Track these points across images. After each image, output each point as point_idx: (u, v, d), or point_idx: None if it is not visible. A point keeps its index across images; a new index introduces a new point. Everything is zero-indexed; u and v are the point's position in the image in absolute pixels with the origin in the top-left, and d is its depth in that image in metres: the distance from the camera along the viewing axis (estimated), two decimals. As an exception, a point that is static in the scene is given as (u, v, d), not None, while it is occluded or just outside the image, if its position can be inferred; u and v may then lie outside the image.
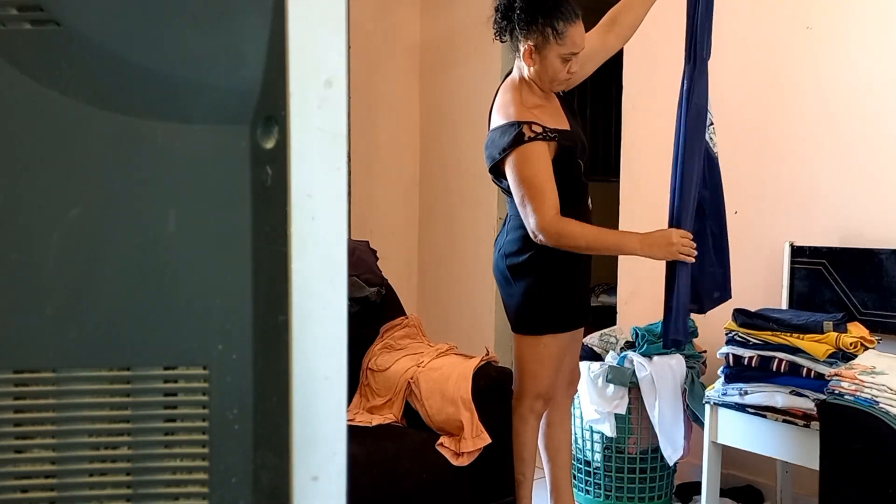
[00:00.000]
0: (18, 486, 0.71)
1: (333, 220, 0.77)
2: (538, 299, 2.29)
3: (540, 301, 2.29)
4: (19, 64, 0.69)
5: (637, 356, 2.82)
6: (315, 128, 0.76)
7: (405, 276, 4.29)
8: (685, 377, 2.78)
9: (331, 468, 0.79)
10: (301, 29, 0.74)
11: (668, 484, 2.97)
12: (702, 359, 2.90)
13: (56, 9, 0.68)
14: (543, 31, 2.12)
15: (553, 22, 2.12)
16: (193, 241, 0.72)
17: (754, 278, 2.97)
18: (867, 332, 2.37)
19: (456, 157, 4.22)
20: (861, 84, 2.71)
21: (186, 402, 0.73)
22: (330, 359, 0.78)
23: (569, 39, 2.14)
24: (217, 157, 0.72)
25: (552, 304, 2.31)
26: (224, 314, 0.73)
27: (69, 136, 0.70)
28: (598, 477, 2.93)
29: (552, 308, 2.31)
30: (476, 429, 2.37)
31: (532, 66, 2.19)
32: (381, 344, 2.76)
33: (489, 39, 2.34)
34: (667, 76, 3.26)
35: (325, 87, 0.76)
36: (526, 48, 2.16)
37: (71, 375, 0.71)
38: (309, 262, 0.76)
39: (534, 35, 2.14)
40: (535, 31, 2.13)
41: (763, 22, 2.95)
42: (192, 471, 0.73)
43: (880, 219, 2.65)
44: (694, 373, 2.81)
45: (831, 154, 2.78)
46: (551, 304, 2.31)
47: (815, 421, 2.17)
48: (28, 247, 0.70)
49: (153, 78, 0.71)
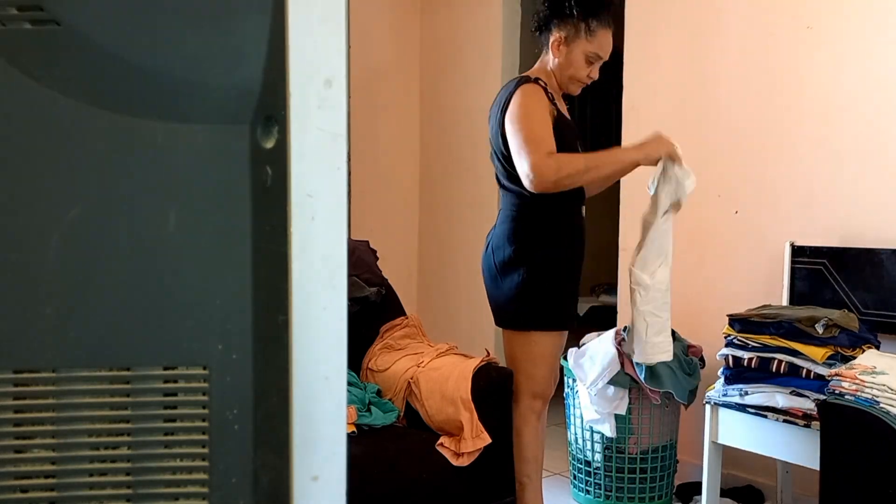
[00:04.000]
0: (18, 486, 0.71)
1: (333, 220, 0.77)
2: (528, 294, 2.29)
3: (529, 295, 2.29)
4: (19, 64, 0.69)
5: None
6: (315, 128, 0.76)
7: (405, 276, 4.29)
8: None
9: (331, 468, 0.79)
10: (301, 29, 0.74)
11: (669, 484, 2.97)
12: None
13: (56, 9, 0.68)
14: (577, 25, 2.27)
15: (589, 19, 2.26)
16: (193, 240, 0.72)
17: (754, 278, 2.98)
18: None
19: (456, 157, 4.23)
20: (861, 84, 2.71)
21: (186, 402, 0.73)
22: (330, 359, 0.78)
23: (597, 40, 2.28)
24: (217, 157, 0.72)
25: (542, 299, 2.30)
26: (224, 314, 0.73)
27: (69, 136, 0.70)
28: (598, 477, 2.93)
29: (542, 304, 2.31)
30: (476, 429, 2.37)
31: (557, 58, 2.31)
32: (381, 344, 2.76)
33: (489, 39, 2.37)
34: (667, 76, 3.27)
35: (325, 87, 0.76)
36: (556, 37, 2.30)
37: (71, 375, 0.71)
38: (309, 262, 0.76)
39: (568, 26, 2.28)
40: (570, 24, 2.27)
41: (763, 22, 2.95)
42: (192, 471, 0.73)
43: (880, 219, 2.65)
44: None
45: (832, 154, 2.78)
46: (541, 300, 2.30)
47: (816, 421, 2.17)
48: (28, 247, 0.70)
49: (153, 78, 0.71)
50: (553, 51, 2.32)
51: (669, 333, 2.32)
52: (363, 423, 2.39)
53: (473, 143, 4.06)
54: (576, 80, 2.34)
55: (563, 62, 2.31)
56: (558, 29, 2.29)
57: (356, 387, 2.54)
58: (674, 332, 2.91)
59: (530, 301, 2.29)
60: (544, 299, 2.30)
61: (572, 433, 3.02)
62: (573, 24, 2.27)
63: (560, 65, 2.32)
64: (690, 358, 2.85)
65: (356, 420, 2.37)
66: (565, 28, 2.28)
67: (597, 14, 2.27)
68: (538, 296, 2.29)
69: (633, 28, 3.33)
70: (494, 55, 3.94)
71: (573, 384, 2.98)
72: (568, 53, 2.30)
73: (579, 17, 2.26)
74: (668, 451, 2.93)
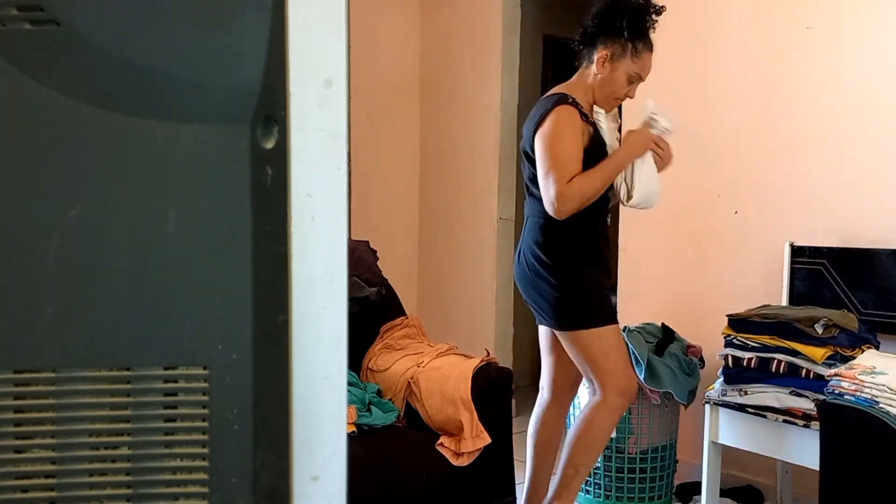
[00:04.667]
0: (18, 486, 0.71)
1: (333, 220, 0.77)
2: (581, 292, 2.33)
3: (582, 294, 2.33)
4: (19, 64, 0.69)
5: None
6: (315, 128, 0.76)
7: (405, 276, 4.29)
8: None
9: (331, 468, 0.79)
10: (301, 29, 0.74)
11: (668, 484, 2.96)
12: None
13: (56, 9, 0.68)
14: (625, 45, 2.31)
15: (636, 40, 2.30)
16: (193, 241, 0.72)
17: (754, 278, 2.97)
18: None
19: (456, 158, 4.22)
20: (861, 84, 2.71)
21: (186, 402, 0.73)
22: (330, 359, 0.78)
23: (641, 61, 2.35)
24: (217, 157, 0.72)
25: (594, 296, 2.35)
26: (224, 314, 0.73)
27: (69, 136, 0.70)
28: (598, 477, 2.93)
29: (595, 299, 2.35)
30: (476, 429, 2.37)
31: (601, 74, 2.34)
32: (381, 344, 2.76)
33: (489, 39, 2.38)
34: (667, 76, 3.26)
35: (325, 87, 0.76)
36: (603, 54, 2.32)
37: (71, 375, 0.71)
38: (309, 262, 0.76)
39: (616, 45, 2.31)
40: (618, 43, 2.31)
41: (763, 22, 2.95)
42: (192, 471, 0.73)
43: (880, 219, 2.65)
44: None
45: (831, 154, 2.78)
46: (594, 296, 2.35)
47: (815, 421, 2.17)
48: (28, 247, 0.70)
49: (153, 78, 0.71)
50: (598, 66, 2.34)
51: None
52: (363, 423, 2.39)
53: (473, 143, 4.06)
54: (613, 98, 2.38)
55: (606, 79, 2.34)
56: (605, 46, 2.33)
57: (356, 387, 2.54)
58: (673, 332, 2.92)
59: (584, 298, 2.34)
60: (596, 295, 2.35)
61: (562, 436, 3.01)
62: (621, 43, 2.31)
63: (603, 81, 2.35)
64: (690, 358, 2.85)
65: (356, 420, 2.37)
66: (612, 46, 2.32)
67: (643, 36, 2.32)
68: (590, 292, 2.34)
69: (633, 28, 3.33)
70: (494, 55, 3.94)
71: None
72: (612, 71, 2.33)
73: (628, 37, 2.30)
74: (668, 451, 2.93)
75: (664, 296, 3.30)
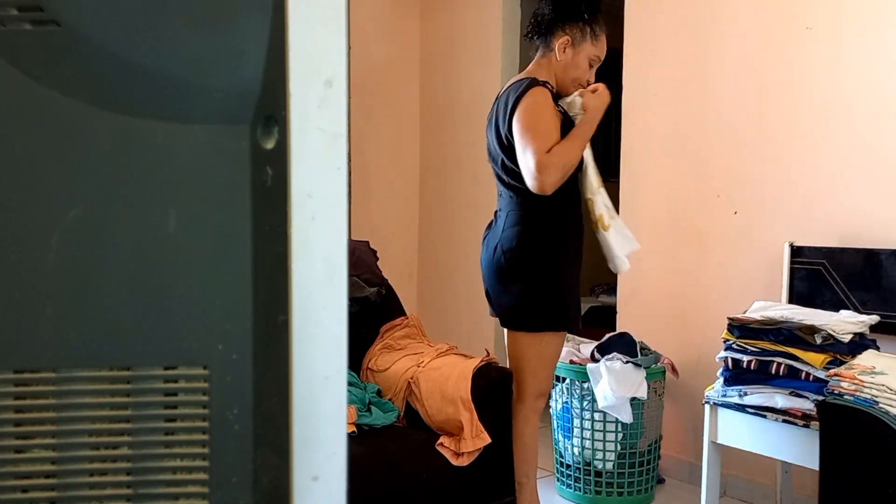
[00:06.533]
0: (18, 486, 0.71)
1: (333, 220, 0.77)
2: (541, 295, 2.30)
3: (543, 297, 2.30)
4: (19, 64, 0.69)
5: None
6: (315, 128, 0.76)
7: (405, 276, 4.29)
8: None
9: (331, 468, 0.79)
10: (301, 29, 0.74)
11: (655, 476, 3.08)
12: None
13: (56, 9, 0.68)
14: (584, 29, 2.31)
15: (593, 24, 2.31)
16: (193, 241, 0.72)
17: (754, 278, 2.98)
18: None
19: (456, 158, 4.22)
20: (861, 84, 2.71)
21: (186, 402, 0.73)
22: (330, 359, 0.78)
23: (600, 44, 2.35)
24: (217, 157, 0.72)
25: (555, 300, 2.31)
26: (224, 314, 0.73)
27: (69, 136, 0.70)
28: (609, 476, 2.97)
29: (555, 305, 2.32)
30: (476, 429, 2.37)
31: (563, 60, 2.33)
32: (381, 344, 2.76)
33: (489, 39, 2.38)
34: (667, 76, 3.26)
35: (325, 87, 0.76)
36: (563, 40, 2.32)
37: (71, 375, 0.71)
38: (309, 262, 0.76)
39: (575, 30, 2.31)
40: (577, 27, 2.31)
41: (763, 22, 2.95)
42: (192, 471, 0.73)
43: (880, 219, 2.65)
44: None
45: (831, 154, 2.78)
46: (554, 301, 2.31)
47: (815, 421, 2.17)
48: (28, 247, 0.70)
49: (153, 78, 0.71)
50: (559, 53, 2.33)
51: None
52: (363, 423, 2.39)
53: (473, 142, 4.06)
54: (577, 83, 2.36)
55: (569, 64, 2.33)
56: (564, 31, 2.32)
57: (356, 387, 2.54)
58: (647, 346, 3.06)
59: (543, 302, 2.31)
60: (557, 300, 2.32)
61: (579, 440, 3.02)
62: (580, 27, 2.31)
63: (566, 66, 2.34)
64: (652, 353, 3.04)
65: (356, 420, 2.37)
66: (572, 31, 2.31)
67: (598, 18, 2.32)
68: (550, 297, 2.31)
69: (633, 28, 3.33)
70: (494, 55, 3.94)
71: (572, 385, 2.98)
72: (574, 56, 2.33)
73: (588, 20, 2.30)
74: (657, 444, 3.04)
75: (664, 296, 3.30)
